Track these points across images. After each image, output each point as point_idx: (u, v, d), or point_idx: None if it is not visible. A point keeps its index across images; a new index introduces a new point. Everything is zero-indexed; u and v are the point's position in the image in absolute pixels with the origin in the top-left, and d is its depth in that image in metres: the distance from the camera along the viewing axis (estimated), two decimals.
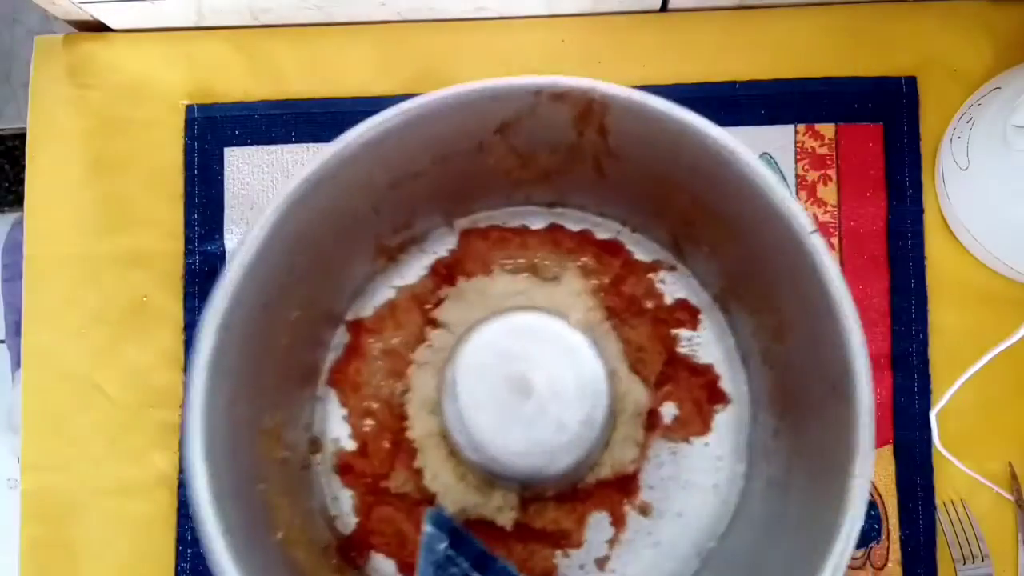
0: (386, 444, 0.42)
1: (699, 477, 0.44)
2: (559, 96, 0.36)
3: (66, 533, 0.54)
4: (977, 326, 0.54)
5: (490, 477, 0.41)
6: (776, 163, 0.55)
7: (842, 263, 0.55)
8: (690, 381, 0.44)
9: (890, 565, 0.53)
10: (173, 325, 0.55)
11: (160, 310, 0.56)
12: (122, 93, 0.57)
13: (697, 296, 0.45)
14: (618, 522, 0.43)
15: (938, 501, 0.53)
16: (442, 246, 0.44)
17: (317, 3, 0.55)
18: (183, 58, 0.57)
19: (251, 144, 0.56)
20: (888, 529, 0.53)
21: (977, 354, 0.51)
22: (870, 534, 0.53)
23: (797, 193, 0.55)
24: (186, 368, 0.55)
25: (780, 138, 0.55)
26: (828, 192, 0.55)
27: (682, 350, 0.44)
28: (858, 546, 0.53)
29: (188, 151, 0.56)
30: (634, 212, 0.45)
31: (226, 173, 0.56)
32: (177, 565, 0.54)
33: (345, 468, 0.42)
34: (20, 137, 0.97)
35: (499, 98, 0.37)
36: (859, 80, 0.56)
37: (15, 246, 0.64)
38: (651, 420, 0.43)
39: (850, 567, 0.53)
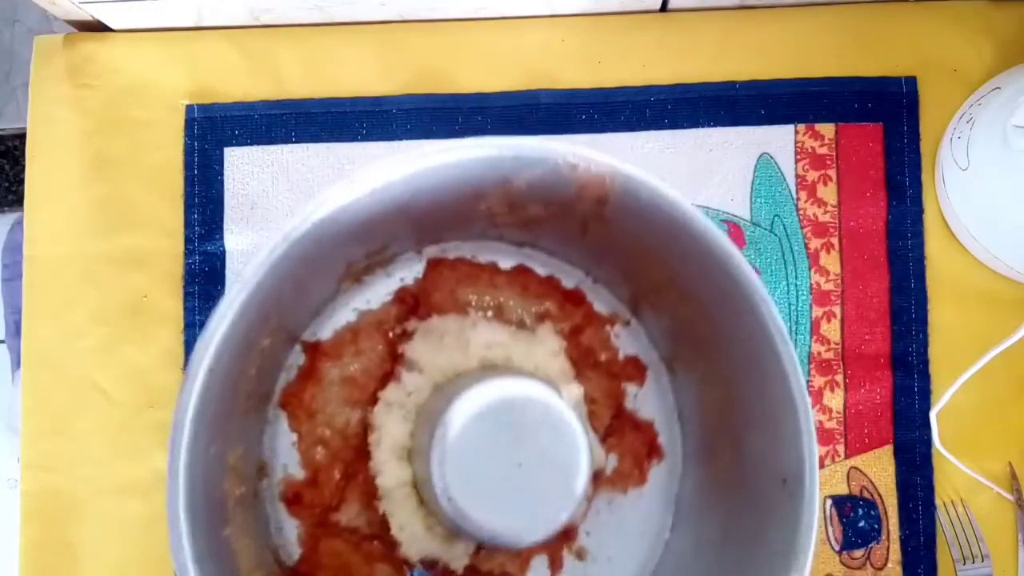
0: (337, 475, 0.40)
1: (631, 525, 0.45)
2: (576, 168, 0.35)
3: (66, 533, 0.54)
4: (977, 326, 0.54)
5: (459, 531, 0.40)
6: (776, 163, 0.55)
7: (842, 263, 0.55)
8: (633, 435, 0.44)
9: (890, 565, 0.53)
10: (173, 325, 0.55)
11: (160, 310, 0.56)
12: (122, 93, 0.57)
13: (647, 354, 0.45)
14: (556, 565, 0.44)
15: (938, 501, 0.54)
16: (409, 272, 0.43)
17: (317, 3, 0.55)
18: (183, 58, 0.57)
19: (251, 144, 0.56)
20: (888, 529, 0.53)
21: (977, 354, 0.51)
22: (870, 534, 0.53)
23: (797, 193, 0.55)
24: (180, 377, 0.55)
25: (780, 138, 0.55)
26: (828, 192, 0.55)
27: (628, 405, 0.44)
28: (858, 546, 0.53)
29: (188, 151, 0.56)
30: (602, 268, 0.45)
31: (226, 173, 0.56)
32: None
33: (293, 497, 0.40)
34: (20, 137, 0.97)
35: (522, 161, 0.36)
36: (859, 80, 0.56)
37: (15, 246, 0.64)
38: (596, 473, 0.44)
39: (850, 567, 0.53)
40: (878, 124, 0.55)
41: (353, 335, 0.42)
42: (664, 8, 0.57)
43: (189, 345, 0.55)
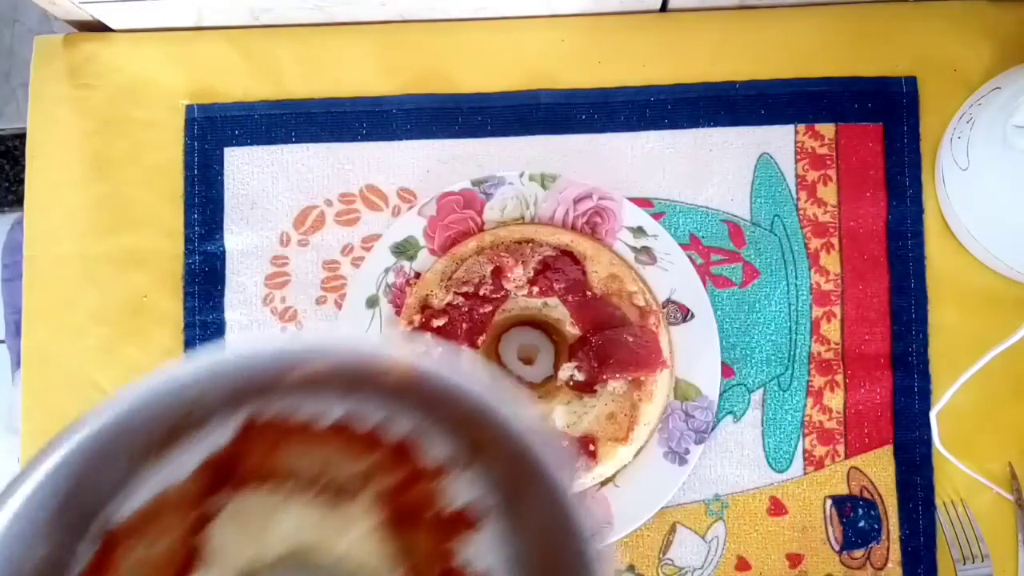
0: None
1: None
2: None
3: None
4: (977, 326, 0.54)
5: None
6: (776, 163, 0.55)
7: (842, 263, 0.55)
8: None
9: (890, 565, 0.53)
10: (173, 325, 0.55)
11: (160, 310, 0.56)
12: (122, 93, 0.57)
13: (485, 499, 0.40)
14: None
15: (938, 501, 0.54)
16: (220, 436, 0.37)
17: (317, 3, 0.55)
18: (183, 58, 0.57)
19: (251, 144, 0.56)
20: (888, 529, 0.53)
21: (977, 354, 0.51)
22: (870, 534, 0.53)
23: (797, 193, 0.55)
24: None
25: (780, 138, 0.55)
26: (828, 192, 0.55)
27: (458, 560, 0.40)
28: (858, 546, 0.53)
29: (188, 151, 0.56)
30: (436, 415, 0.40)
31: (226, 173, 0.56)
32: None
33: None
34: (20, 137, 0.97)
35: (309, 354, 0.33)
36: (859, 80, 0.56)
37: (15, 246, 0.64)
38: None
39: (850, 567, 0.53)
40: (878, 124, 0.55)
41: (154, 513, 0.36)
42: (664, 8, 0.57)
43: (189, 345, 0.55)
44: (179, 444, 0.36)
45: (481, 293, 0.52)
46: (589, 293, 0.53)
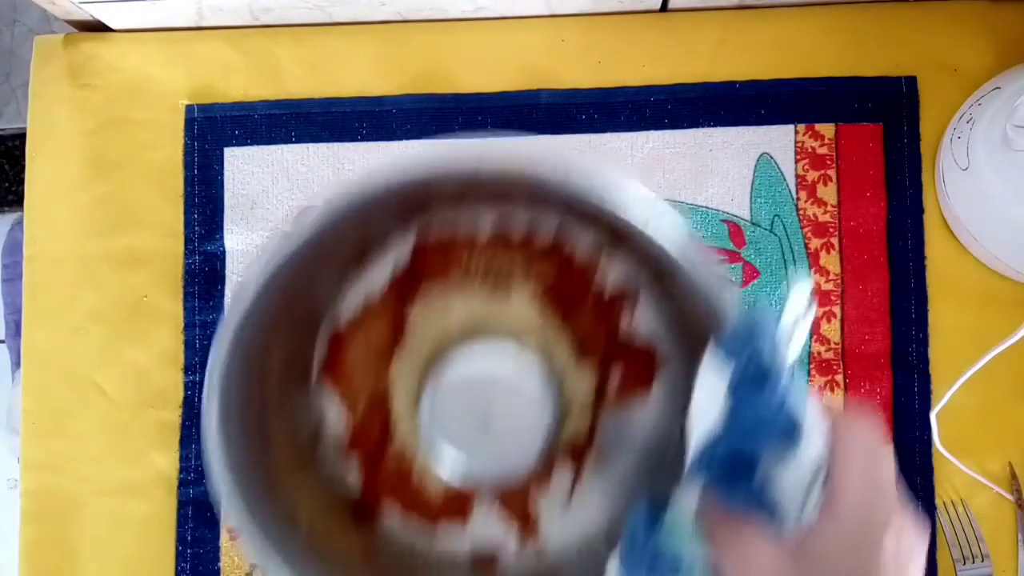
0: (376, 426, 0.47)
1: (638, 431, 0.48)
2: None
3: (66, 533, 0.54)
4: (977, 326, 0.54)
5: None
6: (776, 163, 0.55)
7: (842, 263, 0.55)
8: (631, 354, 0.47)
9: None
10: (173, 325, 0.56)
11: (160, 310, 0.56)
12: (122, 93, 0.57)
13: (637, 276, 0.47)
14: (578, 478, 0.48)
15: (938, 501, 0.54)
16: (401, 252, 0.47)
17: (317, 3, 0.55)
18: (183, 58, 0.57)
19: (251, 144, 0.56)
20: None
21: (977, 354, 0.51)
22: None
23: (797, 193, 0.55)
24: (184, 371, 0.55)
25: (780, 138, 0.55)
26: (828, 192, 0.55)
27: (623, 329, 0.47)
28: None
29: (188, 151, 0.56)
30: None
31: (226, 173, 0.56)
32: (177, 565, 0.54)
33: (348, 444, 0.47)
34: (20, 137, 0.97)
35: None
36: (859, 80, 0.56)
37: (15, 246, 0.64)
38: (599, 397, 0.47)
39: None
40: (878, 124, 0.55)
41: (364, 315, 0.47)
42: (664, 8, 0.57)
43: (189, 345, 0.55)
44: (370, 261, 0.46)
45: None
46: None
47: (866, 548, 0.28)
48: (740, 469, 0.32)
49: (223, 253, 0.56)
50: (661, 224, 0.37)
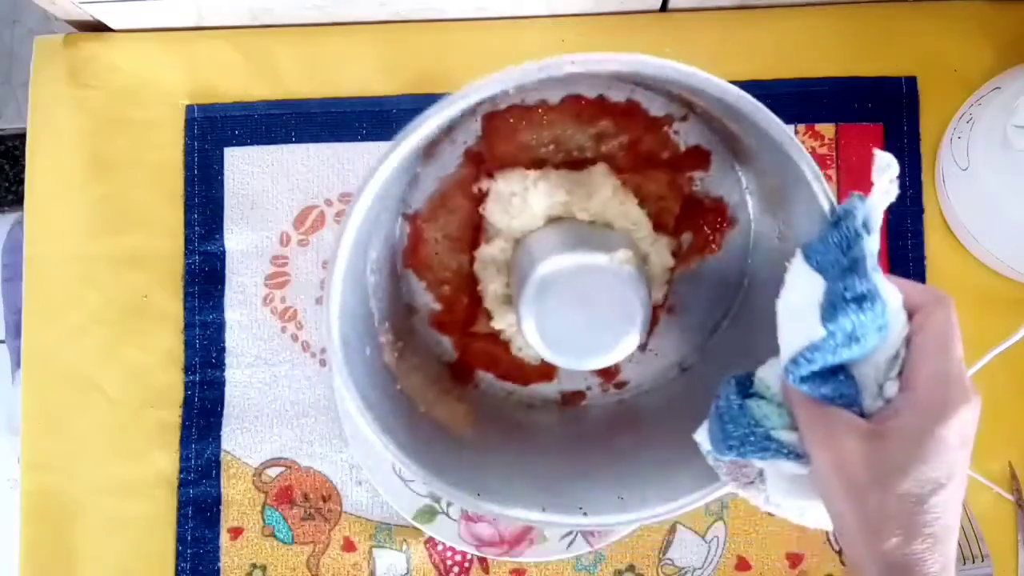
0: (465, 301, 0.49)
1: (708, 280, 0.50)
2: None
3: (66, 533, 0.54)
4: (977, 326, 0.54)
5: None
6: None
7: None
8: (703, 213, 0.49)
9: None
10: (173, 325, 0.56)
11: (160, 310, 0.56)
12: (122, 93, 0.57)
13: (708, 138, 0.48)
14: (654, 321, 0.50)
15: None
16: (469, 134, 0.48)
17: (317, 3, 0.55)
18: (183, 58, 0.57)
19: (251, 144, 0.56)
20: None
21: (977, 354, 0.51)
22: None
23: None
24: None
25: None
26: None
27: (697, 188, 0.49)
28: None
29: (188, 151, 0.56)
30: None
31: (226, 173, 0.56)
32: (177, 565, 0.54)
33: (438, 323, 0.50)
34: (20, 137, 0.97)
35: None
36: (859, 80, 0.56)
37: (15, 246, 0.64)
38: (675, 254, 0.50)
39: None
40: (878, 124, 0.55)
41: (441, 199, 0.48)
42: (664, 8, 0.57)
43: (189, 345, 0.55)
44: (440, 143, 0.48)
45: None
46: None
47: (937, 424, 0.31)
48: (830, 369, 0.34)
49: (223, 253, 0.56)
50: (730, 89, 0.39)
